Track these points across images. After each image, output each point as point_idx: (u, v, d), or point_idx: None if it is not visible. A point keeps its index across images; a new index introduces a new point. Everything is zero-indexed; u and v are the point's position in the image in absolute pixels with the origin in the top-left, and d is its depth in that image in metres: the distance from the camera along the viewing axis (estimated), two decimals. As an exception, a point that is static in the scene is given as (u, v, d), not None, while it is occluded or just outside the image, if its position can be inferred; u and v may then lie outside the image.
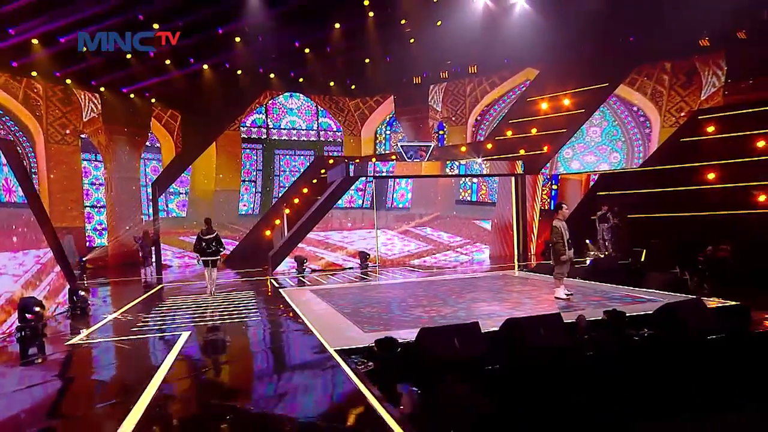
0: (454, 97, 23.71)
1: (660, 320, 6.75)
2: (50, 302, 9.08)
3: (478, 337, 5.90)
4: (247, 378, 5.64)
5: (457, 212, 18.21)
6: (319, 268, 15.95)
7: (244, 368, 6.02)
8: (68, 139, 20.64)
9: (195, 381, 5.42)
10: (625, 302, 8.17)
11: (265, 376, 5.55)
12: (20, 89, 19.36)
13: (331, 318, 7.92)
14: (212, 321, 8.31)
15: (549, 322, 6.19)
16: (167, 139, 23.48)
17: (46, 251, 8.99)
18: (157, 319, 8.61)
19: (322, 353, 5.86)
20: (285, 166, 23.65)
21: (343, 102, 25.15)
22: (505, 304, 8.40)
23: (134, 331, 7.68)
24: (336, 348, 5.93)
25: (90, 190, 21.24)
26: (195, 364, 6.14)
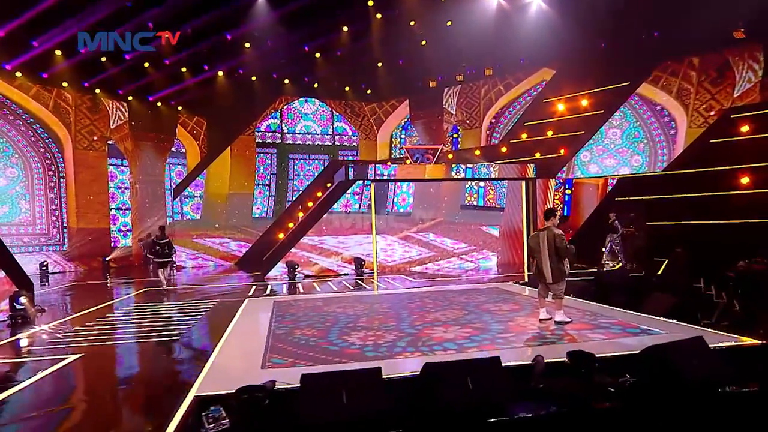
0: (469, 99, 21.65)
1: (645, 365, 4.70)
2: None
3: (378, 387, 4.10)
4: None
5: (462, 217, 16.20)
6: (312, 273, 14.41)
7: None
8: (95, 145, 20.14)
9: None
10: (612, 333, 6.10)
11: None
12: (51, 99, 18.98)
13: (247, 342, 6.31)
14: (120, 340, 6.82)
15: (480, 368, 4.29)
16: (192, 144, 22.69)
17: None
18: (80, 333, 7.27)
19: (176, 398, 4.22)
20: (299, 170, 22.34)
21: (358, 106, 23.61)
22: (465, 331, 6.49)
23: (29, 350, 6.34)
24: (202, 393, 4.30)
25: (116, 193, 20.66)
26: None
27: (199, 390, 4.42)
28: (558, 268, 6.60)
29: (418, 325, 6.92)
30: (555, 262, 6.64)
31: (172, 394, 4.36)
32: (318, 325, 7.18)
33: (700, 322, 7.55)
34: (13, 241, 17.84)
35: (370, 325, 7.02)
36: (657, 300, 7.64)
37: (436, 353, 5.45)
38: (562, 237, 6.71)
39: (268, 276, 14.21)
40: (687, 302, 8.78)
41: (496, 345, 5.71)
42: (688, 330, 6.02)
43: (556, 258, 6.63)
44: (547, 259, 6.68)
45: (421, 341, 5.98)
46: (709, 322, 7.89)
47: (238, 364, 5.25)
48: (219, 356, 5.58)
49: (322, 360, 5.32)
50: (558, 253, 6.62)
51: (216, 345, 6.12)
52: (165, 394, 4.46)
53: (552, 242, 6.65)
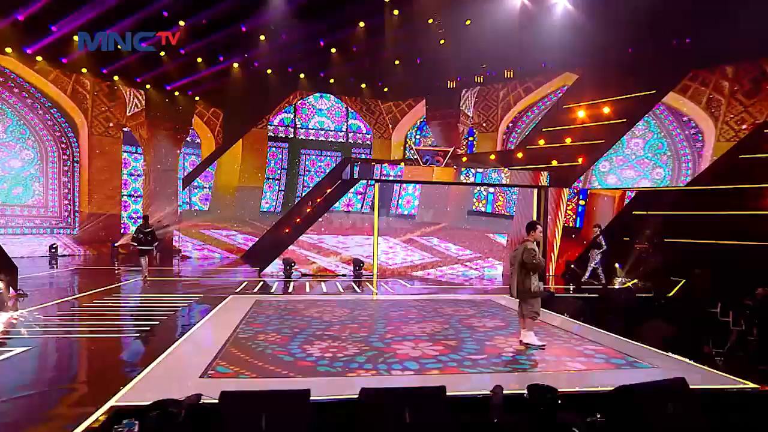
0: (487, 102, 21.01)
1: (615, 406, 4.18)
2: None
3: (304, 411, 3.70)
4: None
5: (468, 223, 15.64)
6: (309, 272, 14.11)
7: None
8: (111, 131, 20.37)
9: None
10: (594, 362, 5.55)
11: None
12: (69, 84, 19.26)
13: (203, 345, 5.98)
14: (77, 333, 6.61)
15: (422, 399, 3.85)
16: (208, 135, 22.74)
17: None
18: (46, 322, 7.12)
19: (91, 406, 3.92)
20: (310, 165, 22.10)
21: (374, 104, 23.23)
22: (435, 348, 6.03)
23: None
24: (122, 403, 3.99)
25: (128, 180, 20.86)
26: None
27: (124, 398, 4.12)
28: (523, 283, 6.13)
29: (389, 338, 6.49)
30: (521, 277, 6.16)
31: (89, 401, 4.06)
32: (286, 330, 6.83)
33: (711, 352, 6.94)
34: (24, 222, 18.21)
35: (340, 335, 6.64)
36: (656, 327, 7.00)
37: (393, 373, 5.02)
38: (530, 251, 6.16)
39: (264, 272, 13.98)
40: (699, 329, 8.14)
41: (462, 368, 5.24)
42: (683, 366, 5.43)
43: (523, 273, 6.14)
44: (515, 273, 6.24)
45: (384, 357, 5.56)
46: (720, 351, 7.24)
47: (178, 371, 4.93)
48: (165, 359, 5.29)
49: (269, 372, 4.97)
50: (524, 268, 6.15)
51: (170, 346, 5.85)
52: (80, 401, 4.16)
53: (520, 255, 6.18)
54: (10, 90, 18.03)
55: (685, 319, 9.10)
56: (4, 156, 17.84)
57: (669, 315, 9.52)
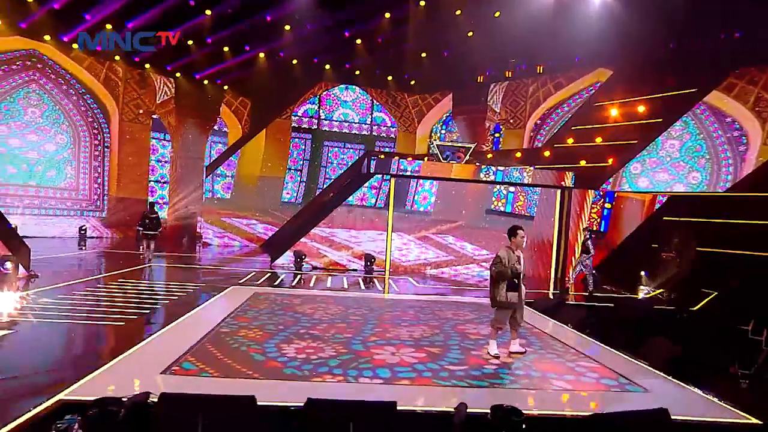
0: (515, 97, 20.32)
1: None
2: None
3: (247, 418, 3.56)
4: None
5: (486, 223, 15.19)
6: (320, 265, 14.06)
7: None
8: (141, 118, 20.89)
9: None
10: (582, 382, 5.16)
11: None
12: (102, 71, 19.83)
13: (180, 338, 5.93)
14: (63, 319, 6.67)
15: (371, 414, 3.63)
16: (235, 124, 23.01)
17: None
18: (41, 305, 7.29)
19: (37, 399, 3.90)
20: (333, 158, 22.04)
21: (400, 97, 22.89)
22: (416, 356, 5.78)
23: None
24: (72, 397, 3.97)
25: (156, 166, 21.41)
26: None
27: (78, 392, 4.10)
28: (492, 291, 5.89)
29: (372, 341, 6.29)
30: (491, 285, 5.96)
31: (42, 392, 4.05)
32: (271, 326, 6.74)
33: (737, 371, 6.39)
34: (57, 204, 18.98)
35: (323, 334, 6.48)
36: (668, 345, 6.49)
37: (361, 381, 4.82)
38: (496, 258, 5.94)
39: (275, 263, 14.03)
40: (724, 347, 7.56)
41: (436, 379, 4.98)
42: (682, 392, 4.99)
43: (492, 281, 5.91)
44: (491, 282, 6.00)
45: (358, 362, 5.37)
46: (746, 372, 6.68)
47: (143, 365, 4.89)
48: (136, 352, 5.28)
49: (234, 372, 4.86)
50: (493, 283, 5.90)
51: (148, 337, 5.85)
52: (32, 391, 4.15)
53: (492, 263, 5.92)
54: (47, 76, 18.74)
55: (707, 336, 8.50)
56: (40, 140, 18.61)
57: (688, 331, 8.94)
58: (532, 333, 7.34)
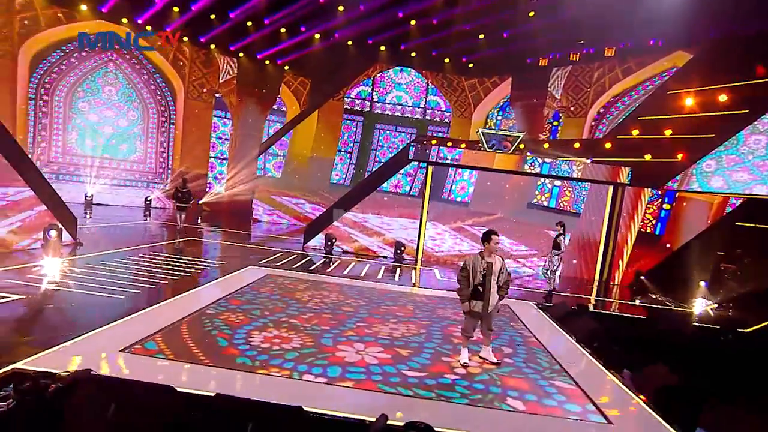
0: (578, 83, 18.93)
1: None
2: (22, 236, 9.29)
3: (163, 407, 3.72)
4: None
5: (527, 217, 14.47)
6: (351, 250, 14.24)
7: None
8: (204, 97, 22.09)
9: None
10: (541, 404, 4.82)
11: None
12: (171, 52, 21.14)
13: (161, 316, 6.30)
14: (75, 288, 7.30)
15: (273, 417, 3.64)
16: (294, 104, 23.66)
17: (20, 191, 9.13)
18: (69, 273, 8.07)
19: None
20: (384, 141, 21.96)
21: (457, 80, 22.16)
22: (381, 356, 5.70)
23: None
24: (29, 367, 4.38)
25: (216, 143, 22.63)
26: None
27: (37, 362, 4.51)
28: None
29: (345, 336, 6.29)
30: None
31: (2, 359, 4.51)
32: (256, 311, 6.97)
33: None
34: (127, 175, 20.76)
35: (302, 324, 6.59)
36: (665, 371, 5.86)
37: (305, 378, 4.85)
38: (462, 266, 5.81)
39: (307, 245, 14.39)
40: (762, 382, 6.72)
41: (382, 384, 4.89)
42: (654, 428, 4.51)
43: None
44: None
45: (315, 358, 5.40)
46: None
47: (110, 340, 5.27)
48: (113, 326, 5.69)
49: (188, 356, 5.09)
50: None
51: (133, 313, 6.28)
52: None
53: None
54: (123, 57, 20.32)
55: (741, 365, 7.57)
56: (115, 116, 20.35)
57: (722, 356, 8.01)
58: (528, 342, 6.96)
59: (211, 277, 9.07)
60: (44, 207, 9.66)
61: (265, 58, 22.53)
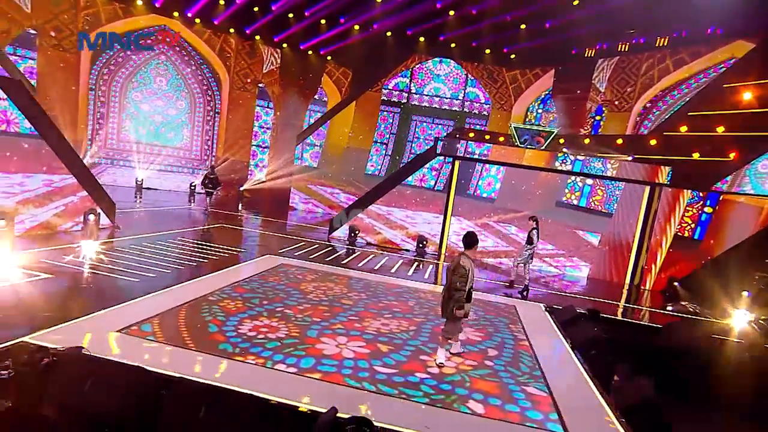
0: (624, 75, 18.03)
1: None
2: (65, 219, 10.26)
3: (132, 386, 4.17)
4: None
5: (555, 216, 14.15)
6: (374, 242, 14.53)
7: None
8: (248, 87, 22.95)
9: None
10: (502, 410, 4.88)
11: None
12: (218, 43, 22.09)
13: (168, 300, 6.84)
14: (101, 271, 8.05)
15: (228, 402, 3.98)
16: (335, 93, 24.11)
17: (64, 177, 10.06)
18: (103, 255, 8.87)
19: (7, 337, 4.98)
20: (420, 133, 21.93)
21: (498, 72, 21.70)
22: (360, 350, 5.94)
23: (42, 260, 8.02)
24: (36, 340, 4.99)
25: (258, 132, 23.51)
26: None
27: (41, 337, 5.12)
28: (449, 301, 5.70)
29: (332, 329, 6.59)
30: (448, 294, 5.78)
31: (16, 332, 5.16)
32: (255, 300, 7.40)
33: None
34: (174, 162, 22.05)
35: (294, 315, 6.96)
36: (637, 387, 5.65)
37: (276, 368, 5.19)
38: (461, 270, 5.71)
39: (332, 236, 14.81)
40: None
41: (348, 379, 5.14)
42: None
43: (446, 293, 5.81)
44: (445, 289, 5.86)
45: (294, 349, 5.73)
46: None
47: (110, 321, 5.83)
48: (119, 307, 6.28)
49: (175, 340, 5.56)
50: (449, 291, 5.74)
51: (140, 297, 6.86)
52: (7, 328, 5.28)
53: (451, 273, 5.73)
54: (173, 48, 21.48)
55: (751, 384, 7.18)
56: (165, 105, 21.63)
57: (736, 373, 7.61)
58: (518, 346, 6.97)
59: (228, 264, 9.64)
60: (86, 193, 10.58)
61: (308, 48, 23.02)
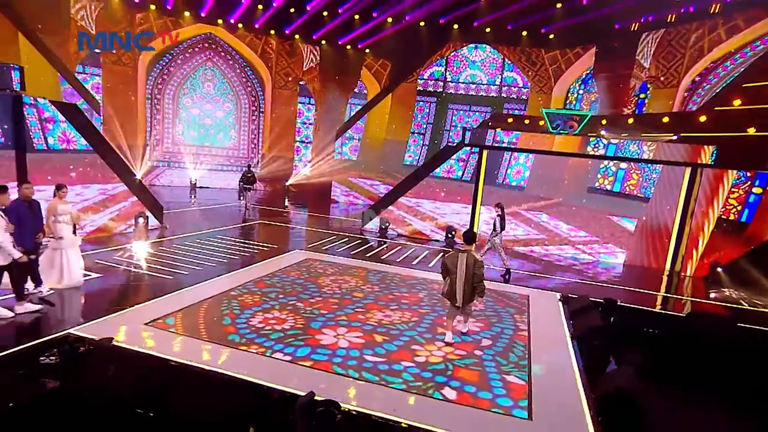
0: (671, 48, 17.12)
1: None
2: (119, 222, 11.62)
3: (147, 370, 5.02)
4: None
5: (587, 202, 13.96)
6: (405, 233, 15.04)
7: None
8: (289, 85, 24.06)
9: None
10: (474, 397, 5.28)
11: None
12: (260, 45, 23.29)
13: (191, 295, 7.73)
14: (147, 270, 9.14)
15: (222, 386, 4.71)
16: (374, 85, 24.69)
17: (116, 186, 11.38)
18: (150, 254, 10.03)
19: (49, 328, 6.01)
20: (457, 121, 21.98)
21: (536, 54, 21.23)
22: (357, 340, 6.52)
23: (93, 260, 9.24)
24: (77, 331, 6.00)
25: (301, 128, 24.57)
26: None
27: (84, 329, 6.13)
28: (471, 292, 6.62)
29: (335, 321, 7.20)
30: (468, 286, 6.59)
31: (64, 323, 6.21)
32: (272, 294, 8.17)
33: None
34: (223, 161, 23.60)
35: (304, 308, 7.64)
36: (619, 376, 5.77)
37: (275, 357, 5.88)
38: (481, 264, 6.61)
39: (364, 228, 15.46)
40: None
41: (336, 367, 5.73)
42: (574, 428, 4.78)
43: (470, 282, 6.56)
44: (462, 282, 6.58)
45: (294, 339, 6.40)
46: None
47: (141, 314, 6.79)
48: (150, 302, 7.25)
49: (190, 331, 6.40)
50: (473, 280, 6.55)
51: (169, 293, 7.83)
52: (59, 322, 6.34)
53: (471, 266, 6.53)
54: (219, 54, 22.90)
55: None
56: (213, 108, 23.17)
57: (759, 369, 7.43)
58: (516, 336, 7.25)
59: (257, 259, 10.53)
60: (136, 198, 11.89)
61: (346, 43, 23.69)
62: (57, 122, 10.37)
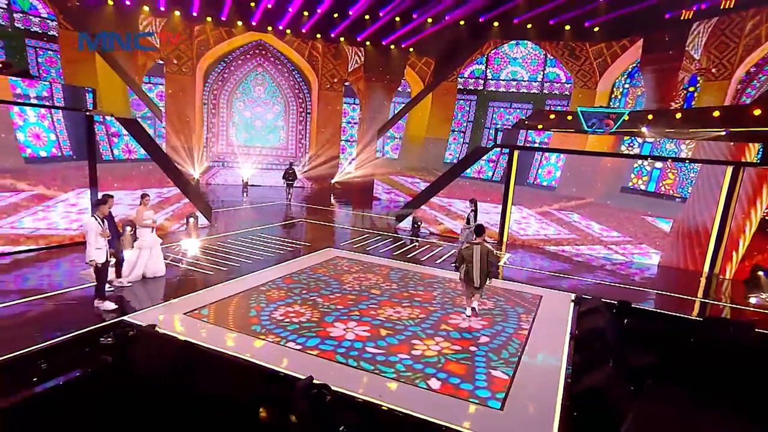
0: (724, 38, 16.45)
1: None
2: (173, 222, 13.12)
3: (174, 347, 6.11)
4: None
5: (621, 202, 13.93)
6: (437, 232, 15.66)
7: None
8: (335, 86, 25.18)
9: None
10: (460, 389, 5.93)
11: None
12: (306, 49, 24.56)
13: (226, 289, 8.84)
14: (193, 266, 10.40)
15: (230, 369, 5.71)
16: (419, 84, 25.32)
17: (171, 189, 12.87)
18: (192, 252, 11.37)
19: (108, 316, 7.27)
20: (498, 118, 22.11)
21: (580, 48, 20.91)
22: (363, 333, 7.32)
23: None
24: (130, 319, 7.24)
25: (346, 127, 25.64)
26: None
27: (135, 317, 7.36)
28: (486, 276, 8.07)
29: (348, 315, 8.04)
30: (484, 271, 8.04)
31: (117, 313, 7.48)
32: (297, 289, 9.14)
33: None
34: (272, 160, 25.15)
35: (323, 303, 8.55)
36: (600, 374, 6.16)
37: (288, 346, 6.80)
38: (494, 252, 8.27)
39: (398, 227, 16.22)
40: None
41: (338, 357, 6.56)
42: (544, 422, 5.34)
43: (486, 268, 8.01)
44: (478, 269, 8.05)
45: (307, 331, 7.30)
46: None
47: (183, 306, 7.95)
48: (189, 297, 8.43)
49: (219, 321, 7.47)
50: (488, 267, 8.03)
51: (207, 287, 8.99)
52: (103, 313, 7.61)
53: (486, 255, 8.06)
54: (268, 60, 24.39)
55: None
56: (263, 111, 24.74)
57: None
58: (514, 335, 7.76)
59: (291, 257, 11.59)
60: (187, 200, 13.35)
61: (390, 43, 24.44)
62: (121, 136, 11.93)
